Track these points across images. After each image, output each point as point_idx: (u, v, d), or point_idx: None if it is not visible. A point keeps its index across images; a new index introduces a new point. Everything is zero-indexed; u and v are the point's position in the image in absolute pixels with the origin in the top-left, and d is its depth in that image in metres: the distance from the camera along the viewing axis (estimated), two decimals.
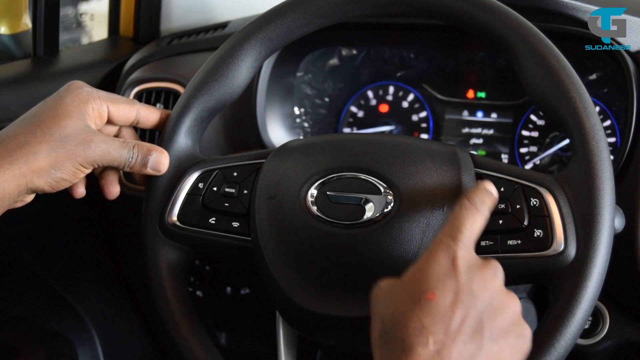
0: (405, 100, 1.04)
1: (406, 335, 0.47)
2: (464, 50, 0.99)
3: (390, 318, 0.48)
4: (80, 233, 1.18)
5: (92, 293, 1.18)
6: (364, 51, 1.04)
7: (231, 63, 0.67)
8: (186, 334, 0.65)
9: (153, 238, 0.66)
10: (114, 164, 0.63)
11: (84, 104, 0.62)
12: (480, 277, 0.49)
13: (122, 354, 1.21)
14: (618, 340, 0.82)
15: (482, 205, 0.53)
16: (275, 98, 1.00)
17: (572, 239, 0.57)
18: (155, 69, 1.05)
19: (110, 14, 1.26)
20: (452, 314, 0.47)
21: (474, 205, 0.53)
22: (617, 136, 0.91)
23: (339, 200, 0.62)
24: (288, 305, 0.61)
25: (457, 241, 0.50)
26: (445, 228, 0.52)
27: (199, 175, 0.67)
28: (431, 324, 0.47)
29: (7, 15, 1.11)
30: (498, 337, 0.49)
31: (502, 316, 0.49)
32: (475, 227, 0.52)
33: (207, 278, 1.09)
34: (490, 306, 0.49)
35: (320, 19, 0.67)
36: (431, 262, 0.49)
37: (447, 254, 0.49)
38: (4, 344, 1.06)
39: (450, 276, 0.48)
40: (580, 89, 0.59)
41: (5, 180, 0.58)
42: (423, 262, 0.50)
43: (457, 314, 0.47)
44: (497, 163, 0.63)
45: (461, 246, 0.50)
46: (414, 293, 0.48)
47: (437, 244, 0.51)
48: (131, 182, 0.97)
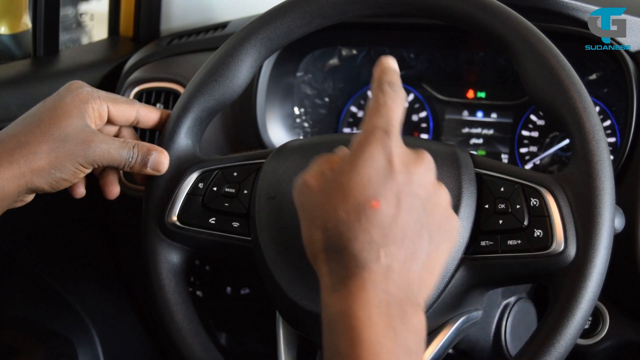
0: (405, 100, 1.04)
1: (357, 249, 0.45)
2: (464, 50, 0.99)
3: (334, 228, 0.46)
4: (80, 233, 1.18)
5: (92, 293, 1.18)
6: (364, 51, 1.04)
7: (231, 63, 0.67)
8: (186, 334, 0.65)
9: (153, 238, 0.66)
10: (114, 164, 0.63)
11: (84, 103, 0.62)
12: (418, 174, 0.47)
13: (122, 354, 1.21)
14: (618, 340, 0.82)
15: (396, 87, 0.50)
16: (275, 98, 1.00)
17: (572, 239, 0.57)
18: (155, 69, 1.05)
19: (110, 14, 1.26)
20: (397, 221, 0.45)
21: (395, 91, 0.49)
22: (617, 136, 0.91)
23: None
24: (288, 305, 0.61)
25: (391, 135, 0.47)
26: (372, 117, 0.48)
27: (199, 175, 0.67)
28: (380, 237, 0.45)
29: (7, 15, 1.11)
30: (436, 234, 0.48)
31: (437, 212, 0.48)
32: (399, 114, 0.49)
33: (207, 278, 1.09)
34: (428, 204, 0.47)
35: (320, 19, 0.67)
36: (369, 162, 0.46)
37: (384, 152, 0.46)
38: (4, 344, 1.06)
39: (390, 177, 0.46)
40: (580, 89, 0.59)
41: (5, 180, 0.58)
42: (359, 161, 0.46)
43: (401, 221, 0.45)
44: (497, 163, 0.63)
45: (395, 141, 0.47)
46: (357, 200, 0.45)
47: (369, 138, 0.47)
48: (131, 182, 0.97)
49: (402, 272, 0.45)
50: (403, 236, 0.46)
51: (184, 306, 0.66)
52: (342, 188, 0.46)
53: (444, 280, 0.58)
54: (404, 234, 0.46)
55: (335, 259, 0.46)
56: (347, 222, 0.45)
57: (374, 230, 0.45)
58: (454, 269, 0.59)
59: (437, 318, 0.61)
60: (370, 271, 0.45)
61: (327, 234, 0.46)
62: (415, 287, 0.46)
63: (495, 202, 0.60)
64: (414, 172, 0.47)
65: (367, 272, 0.45)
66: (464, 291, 0.61)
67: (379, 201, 0.45)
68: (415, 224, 0.46)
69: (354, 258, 0.45)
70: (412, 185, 0.47)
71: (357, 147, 0.47)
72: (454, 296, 0.60)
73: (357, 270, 0.45)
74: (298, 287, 0.61)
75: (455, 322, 0.63)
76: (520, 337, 0.79)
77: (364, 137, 0.47)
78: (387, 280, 0.45)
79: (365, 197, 0.45)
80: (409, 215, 0.46)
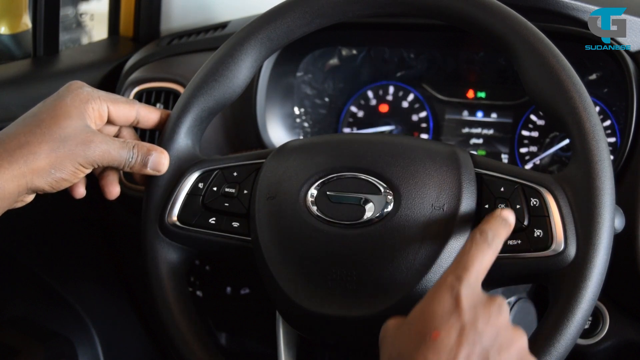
0: (405, 100, 1.04)
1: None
2: (464, 50, 0.99)
3: (397, 357, 0.49)
4: (80, 233, 1.18)
5: (92, 293, 1.18)
6: (364, 51, 1.04)
7: (231, 63, 0.67)
8: (186, 334, 0.65)
9: (153, 238, 0.66)
10: (114, 164, 0.63)
11: (84, 104, 0.62)
12: (485, 314, 0.49)
13: (122, 354, 1.21)
14: (618, 340, 0.82)
15: (494, 240, 0.53)
16: (275, 98, 1.00)
17: (572, 239, 0.57)
18: (155, 69, 1.05)
19: (110, 14, 1.26)
20: (457, 351, 0.47)
21: (485, 240, 0.53)
22: (617, 136, 0.91)
23: (339, 200, 0.62)
24: (288, 305, 0.61)
25: (462, 280, 0.50)
26: (452, 265, 0.52)
27: (199, 175, 0.67)
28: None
29: (7, 15, 1.11)
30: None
31: (507, 352, 0.49)
32: (484, 264, 0.52)
33: (207, 278, 1.09)
34: (495, 342, 0.49)
35: (320, 19, 0.67)
36: (435, 302, 0.50)
37: (451, 293, 0.50)
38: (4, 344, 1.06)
39: (454, 314, 0.49)
40: (580, 89, 0.59)
41: (5, 180, 0.58)
42: (427, 301, 0.50)
43: (462, 352, 0.47)
44: (497, 163, 0.63)
45: (465, 285, 0.50)
46: (419, 332, 0.49)
47: (441, 283, 0.51)
48: (131, 182, 0.97)
49: None
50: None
51: (184, 306, 0.66)
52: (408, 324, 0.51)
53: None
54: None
55: None
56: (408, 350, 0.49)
57: (430, 356, 0.47)
58: None
59: None
60: None
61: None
62: None
63: (495, 202, 0.60)
64: (482, 312, 0.50)
65: None
66: None
67: (439, 332, 0.48)
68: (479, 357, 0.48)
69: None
70: (478, 323, 0.49)
71: (429, 292, 0.51)
72: None
73: None
74: (298, 287, 0.61)
75: None
76: None
77: (437, 283, 0.51)
78: None
79: (427, 328, 0.49)
80: (471, 348, 0.48)
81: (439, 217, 0.59)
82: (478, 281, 0.51)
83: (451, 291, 0.50)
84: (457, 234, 0.59)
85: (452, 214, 0.59)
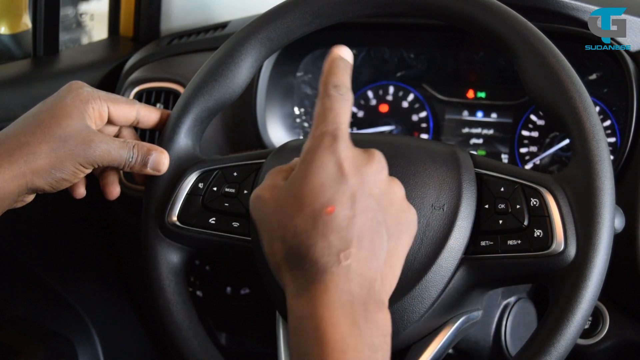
0: (405, 100, 1.04)
1: (317, 256, 0.46)
2: (464, 50, 0.99)
3: (292, 237, 0.47)
4: (80, 233, 1.18)
5: (92, 293, 1.18)
6: (364, 51, 1.04)
7: (231, 63, 0.67)
8: (186, 334, 0.65)
9: (153, 238, 0.66)
10: (114, 164, 0.63)
11: (84, 104, 0.62)
12: (369, 174, 0.48)
13: (122, 354, 1.21)
14: (618, 340, 0.82)
15: (347, 92, 0.51)
16: (275, 98, 1.00)
17: (572, 239, 0.57)
18: (155, 69, 1.05)
19: (110, 14, 1.26)
20: (353, 223, 0.46)
21: (341, 94, 0.50)
22: (617, 136, 0.91)
23: None
24: None
25: (339, 140, 0.48)
26: (321, 124, 0.49)
27: (199, 175, 0.67)
28: (338, 241, 0.46)
29: (7, 15, 1.11)
30: (394, 230, 0.48)
31: (393, 208, 0.49)
32: (347, 117, 0.50)
33: (207, 278, 1.09)
34: (383, 201, 0.48)
35: (320, 19, 0.67)
36: (320, 170, 0.47)
37: (333, 157, 0.47)
38: (4, 344, 1.06)
39: (342, 181, 0.47)
40: (580, 89, 0.59)
41: (5, 180, 0.58)
42: (310, 170, 0.47)
43: (358, 222, 0.46)
44: (497, 163, 0.63)
45: (343, 144, 0.48)
46: (312, 208, 0.46)
47: (318, 146, 0.48)
48: (131, 182, 0.97)
49: (363, 272, 0.46)
50: (361, 237, 0.46)
51: (184, 306, 0.66)
52: (296, 198, 0.47)
53: (443, 281, 0.59)
54: (362, 234, 0.46)
55: (297, 267, 0.47)
56: (304, 230, 0.46)
57: (331, 235, 0.46)
58: (454, 269, 0.59)
59: (437, 318, 0.61)
60: (331, 274, 0.46)
61: (286, 244, 0.47)
62: (377, 285, 0.47)
63: (495, 202, 0.60)
64: (366, 172, 0.48)
65: (329, 275, 0.46)
66: (464, 291, 0.61)
67: (334, 206, 0.46)
68: (372, 223, 0.47)
69: (315, 264, 0.46)
70: (365, 186, 0.48)
71: (306, 155, 0.48)
72: (454, 296, 0.60)
73: (318, 275, 0.46)
74: None
75: (455, 322, 0.63)
76: (520, 337, 0.79)
77: (312, 144, 0.48)
78: (348, 281, 0.46)
79: (320, 203, 0.46)
80: (365, 215, 0.47)
81: (439, 217, 0.59)
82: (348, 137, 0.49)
83: (332, 154, 0.47)
84: (457, 234, 0.59)
85: (452, 214, 0.59)
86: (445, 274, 0.58)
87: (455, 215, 0.59)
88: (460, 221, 0.59)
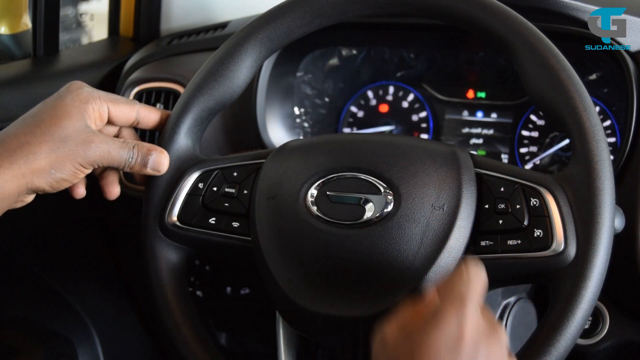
0: (405, 100, 1.04)
1: None
2: (464, 50, 0.99)
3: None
4: (80, 233, 1.18)
5: (92, 293, 1.18)
6: (364, 51, 1.04)
7: (231, 63, 0.67)
8: (186, 334, 0.65)
9: (153, 238, 0.66)
10: (113, 164, 0.63)
11: (84, 104, 0.62)
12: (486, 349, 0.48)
13: (122, 354, 1.21)
14: (618, 340, 0.82)
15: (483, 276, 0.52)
16: (275, 98, 1.00)
17: (572, 239, 0.57)
18: (155, 69, 1.05)
19: (110, 14, 1.26)
20: None
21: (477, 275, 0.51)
22: (617, 136, 0.91)
23: (339, 200, 0.62)
24: (288, 305, 0.61)
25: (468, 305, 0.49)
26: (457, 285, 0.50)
27: (199, 175, 0.67)
28: None
29: (7, 15, 1.11)
30: None
31: None
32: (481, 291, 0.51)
33: (207, 278, 1.09)
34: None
35: (320, 19, 0.67)
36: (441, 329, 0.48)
37: (457, 320, 0.48)
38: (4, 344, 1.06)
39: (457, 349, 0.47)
40: (580, 89, 0.59)
41: (5, 180, 0.58)
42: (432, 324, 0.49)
43: None
44: (497, 163, 0.63)
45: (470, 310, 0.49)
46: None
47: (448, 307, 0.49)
48: (131, 182, 0.97)
49: None
50: None
51: (184, 306, 0.66)
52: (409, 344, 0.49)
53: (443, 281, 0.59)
54: None
55: None
56: None
57: None
58: (454, 269, 0.59)
59: None
60: None
61: None
62: None
63: (495, 202, 0.60)
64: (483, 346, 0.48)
65: None
66: None
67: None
68: None
69: None
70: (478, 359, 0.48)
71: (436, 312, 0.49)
72: None
73: None
74: (298, 287, 0.61)
75: None
76: (520, 337, 0.79)
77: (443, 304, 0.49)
78: None
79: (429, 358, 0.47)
80: None
81: (439, 217, 0.59)
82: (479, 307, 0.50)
83: (457, 317, 0.48)
84: (457, 234, 0.59)
85: (452, 214, 0.59)
86: (445, 274, 0.58)
87: (455, 215, 0.59)
88: (460, 221, 0.59)
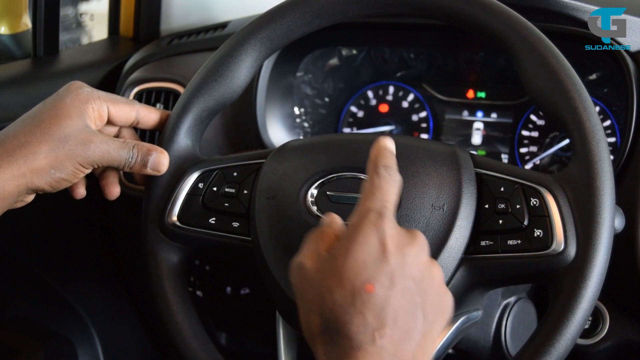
0: (405, 100, 1.04)
1: (352, 332, 0.46)
2: (464, 50, 0.99)
3: (330, 312, 0.47)
4: (80, 233, 1.18)
5: (92, 293, 1.18)
6: (364, 51, 1.04)
7: (231, 63, 0.67)
8: (186, 334, 0.65)
9: (153, 238, 0.66)
10: (113, 164, 0.63)
11: (84, 104, 0.62)
12: (411, 256, 0.49)
13: (122, 354, 1.21)
14: (618, 340, 0.82)
15: (395, 173, 0.52)
16: (275, 98, 1.00)
17: (572, 239, 0.57)
18: (155, 69, 1.05)
19: (110, 14, 1.26)
20: (391, 303, 0.47)
21: (390, 175, 0.51)
22: (617, 136, 0.91)
23: (339, 200, 0.62)
24: (288, 305, 0.61)
25: (384, 218, 0.49)
26: (368, 201, 0.50)
27: (199, 175, 0.67)
28: (375, 320, 0.46)
29: (7, 15, 1.11)
30: (430, 313, 0.49)
31: (431, 291, 0.49)
32: (394, 197, 0.51)
33: (207, 278, 1.09)
34: (421, 284, 0.49)
35: (320, 19, 0.67)
36: (363, 246, 0.48)
37: (377, 235, 0.48)
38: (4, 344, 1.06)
39: (384, 261, 0.48)
40: (580, 89, 0.59)
41: (5, 180, 0.58)
42: (353, 245, 0.48)
43: (395, 302, 0.47)
44: (497, 163, 0.63)
45: (388, 224, 0.49)
46: (351, 284, 0.47)
47: (363, 221, 0.49)
48: (131, 182, 0.97)
49: (396, 353, 0.47)
50: (397, 318, 0.47)
51: (184, 306, 0.66)
52: (337, 272, 0.48)
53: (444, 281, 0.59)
54: (398, 315, 0.47)
55: (332, 342, 0.47)
56: (342, 306, 0.47)
57: (368, 314, 0.46)
58: (454, 268, 0.59)
59: None
60: (364, 352, 0.46)
61: (323, 317, 0.48)
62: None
63: (495, 202, 0.60)
64: (408, 253, 0.49)
65: (362, 352, 0.46)
66: (464, 291, 0.61)
67: (373, 285, 0.47)
68: (409, 305, 0.48)
69: (350, 340, 0.46)
70: (405, 267, 0.48)
71: (352, 230, 0.49)
72: (454, 296, 0.60)
73: (352, 351, 0.46)
74: None
75: (455, 322, 0.63)
76: (520, 337, 0.79)
77: (358, 220, 0.49)
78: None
79: (360, 281, 0.47)
80: (403, 296, 0.47)
81: (439, 217, 0.59)
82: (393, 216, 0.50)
83: (376, 232, 0.48)
84: (457, 234, 0.59)
85: (452, 214, 0.59)
86: (445, 274, 0.58)
87: (455, 215, 0.59)
88: (460, 221, 0.59)
